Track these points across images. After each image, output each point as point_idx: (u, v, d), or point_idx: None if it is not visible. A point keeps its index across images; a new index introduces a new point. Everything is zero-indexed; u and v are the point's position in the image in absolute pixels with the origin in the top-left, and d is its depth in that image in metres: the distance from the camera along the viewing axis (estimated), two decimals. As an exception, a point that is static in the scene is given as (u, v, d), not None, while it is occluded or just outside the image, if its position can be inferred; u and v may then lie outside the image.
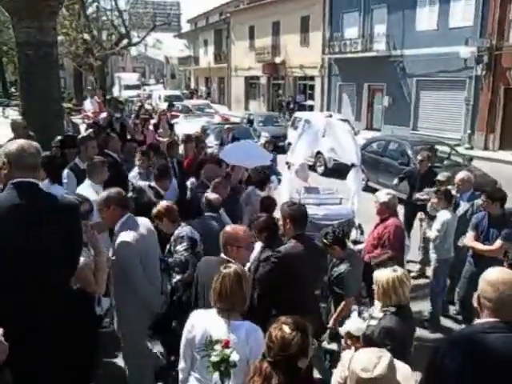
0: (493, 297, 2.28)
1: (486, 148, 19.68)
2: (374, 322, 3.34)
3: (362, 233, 7.27)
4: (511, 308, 2.27)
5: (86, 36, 20.09)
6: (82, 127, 12.96)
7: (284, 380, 2.37)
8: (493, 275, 2.36)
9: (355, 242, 6.50)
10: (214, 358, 2.70)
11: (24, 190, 2.93)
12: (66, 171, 5.82)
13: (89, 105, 12.58)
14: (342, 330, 3.61)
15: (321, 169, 14.54)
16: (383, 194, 5.55)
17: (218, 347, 2.70)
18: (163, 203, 4.68)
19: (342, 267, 4.49)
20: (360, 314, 3.70)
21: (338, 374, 2.31)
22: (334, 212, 7.56)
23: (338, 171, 9.15)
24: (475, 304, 2.39)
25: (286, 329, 2.41)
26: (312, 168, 13.67)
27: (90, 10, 23.43)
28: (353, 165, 7.90)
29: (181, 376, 3.03)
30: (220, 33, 42.55)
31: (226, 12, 40.29)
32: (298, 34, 30.54)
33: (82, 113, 14.37)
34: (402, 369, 2.17)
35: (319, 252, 4.33)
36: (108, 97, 14.55)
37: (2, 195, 2.96)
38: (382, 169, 11.93)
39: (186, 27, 53.97)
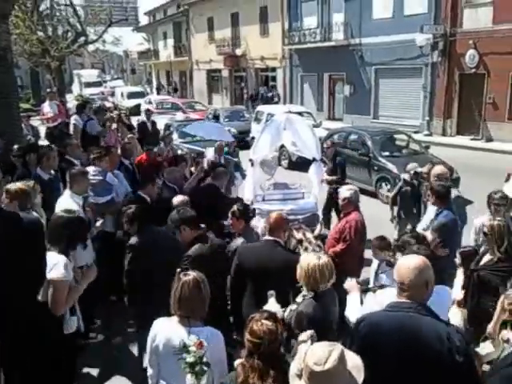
0: (398, 279, 2.66)
1: (444, 134, 20.23)
2: (294, 307, 3.50)
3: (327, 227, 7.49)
4: (415, 290, 2.61)
5: (41, 34, 19.60)
6: (42, 129, 12.74)
7: (278, 368, 2.58)
8: (400, 261, 2.76)
9: (320, 237, 6.63)
10: (189, 359, 2.82)
11: None
12: None
13: (47, 107, 12.30)
14: None
15: (285, 162, 14.70)
16: (345, 190, 5.72)
17: (192, 348, 2.82)
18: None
19: (239, 241, 4.74)
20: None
21: (294, 366, 2.47)
22: (299, 207, 7.73)
23: (303, 164, 9.30)
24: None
25: (268, 322, 2.63)
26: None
27: (42, 7, 22.83)
28: (314, 159, 8.09)
29: (150, 382, 3.14)
30: (179, 25, 42.01)
31: (183, 4, 39.81)
32: (257, 25, 30.52)
33: (40, 115, 14.03)
34: (353, 359, 2.32)
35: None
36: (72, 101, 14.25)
37: None
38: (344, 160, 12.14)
39: (143, 20, 53.09)
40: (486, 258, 4.35)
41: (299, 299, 3.49)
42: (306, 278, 3.40)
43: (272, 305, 3.48)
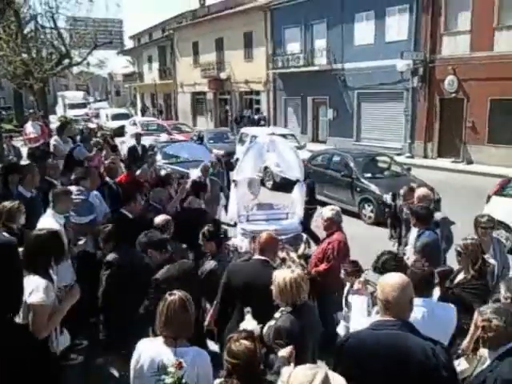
0: (382, 298, 2.68)
1: (425, 156, 20.57)
2: (272, 323, 3.48)
3: (309, 246, 7.49)
4: (399, 308, 2.65)
5: (25, 56, 19.54)
6: (24, 150, 12.64)
7: None
8: (383, 279, 2.78)
9: (304, 256, 6.63)
10: (167, 381, 2.75)
11: None
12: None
13: (30, 128, 12.25)
14: None
15: (269, 183, 14.74)
16: (328, 211, 5.76)
17: (171, 369, 2.76)
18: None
19: (212, 263, 4.75)
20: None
21: None
22: (283, 227, 7.73)
23: (286, 185, 9.34)
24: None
25: (246, 342, 2.60)
26: (261, 183, 13.89)
27: (27, 29, 22.83)
28: (297, 180, 8.14)
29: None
30: (164, 49, 42.39)
31: (168, 29, 40.23)
32: (241, 50, 30.92)
33: (22, 135, 13.94)
34: (338, 381, 2.29)
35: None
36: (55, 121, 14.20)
37: None
38: (327, 181, 12.26)
39: (129, 43, 53.42)
40: (460, 276, 4.41)
41: (277, 315, 3.48)
42: (282, 293, 3.39)
43: (249, 321, 3.46)
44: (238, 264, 4.56)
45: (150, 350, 2.93)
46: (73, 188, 6.09)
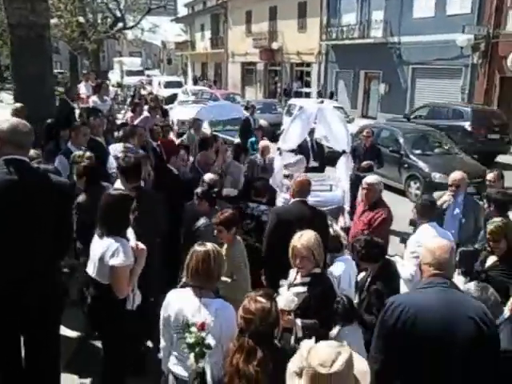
0: (432, 260, 2.73)
1: (480, 136, 19.68)
2: (301, 289, 3.43)
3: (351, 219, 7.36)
4: (450, 268, 2.77)
5: (81, 19, 19.91)
6: (77, 111, 12.94)
7: (267, 351, 2.49)
8: (431, 243, 2.88)
9: (345, 229, 6.52)
10: (189, 340, 2.76)
11: (15, 166, 3.09)
12: (58, 157, 5.81)
13: (83, 89, 12.51)
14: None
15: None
16: (372, 179, 5.62)
17: (193, 329, 2.76)
18: None
19: (203, 221, 4.74)
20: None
21: (295, 363, 2.27)
22: (325, 199, 7.60)
23: (330, 158, 9.16)
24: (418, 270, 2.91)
25: (262, 300, 2.55)
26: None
27: (85, -8, 23.23)
28: (344, 151, 7.96)
29: (162, 354, 3.10)
30: (217, 17, 42.15)
31: (223, -4, 39.92)
32: (295, 20, 30.31)
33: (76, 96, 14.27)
34: (360, 364, 2.20)
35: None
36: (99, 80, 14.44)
37: None
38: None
39: (183, 11, 53.40)
40: (492, 258, 4.10)
41: (305, 279, 3.50)
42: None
43: (283, 296, 3.38)
44: (281, 207, 5.20)
45: (178, 299, 2.96)
46: (119, 145, 6.18)
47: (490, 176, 6.00)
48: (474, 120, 14.62)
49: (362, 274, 4.19)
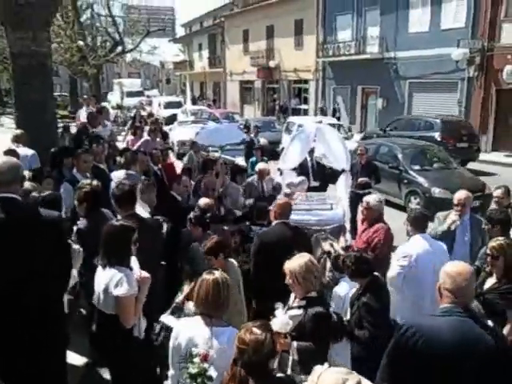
0: (453, 287, 2.71)
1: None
2: (297, 312, 3.45)
3: (353, 238, 7.39)
4: (466, 292, 2.74)
5: (81, 43, 20.20)
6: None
7: (260, 381, 2.48)
8: (451, 268, 2.82)
9: (346, 248, 6.55)
10: (191, 370, 2.79)
11: (4, 205, 3.11)
12: (63, 184, 5.85)
13: (84, 113, 12.64)
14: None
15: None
16: (372, 199, 5.67)
17: (196, 360, 2.79)
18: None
19: (194, 245, 4.83)
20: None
21: None
22: (327, 217, 7.64)
23: (330, 176, 9.22)
24: (437, 293, 2.83)
25: (257, 331, 2.54)
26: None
27: (84, 17, 23.56)
28: (343, 170, 8.04)
29: (170, 382, 3.12)
30: (214, 37, 42.64)
31: (219, 16, 40.39)
32: (291, 38, 30.67)
33: (76, 121, 14.43)
34: None
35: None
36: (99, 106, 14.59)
37: None
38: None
39: (180, 32, 54.06)
40: (491, 280, 4.06)
41: (301, 302, 3.50)
42: (304, 280, 3.48)
43: (278, 318, 3.35)
44: (264, 230, 5.19)
45: (188, 327, 2.99)
46: (122, 172, 6.26)
47: (497, 192, 5.91)
48: (443, 130, 15.52)
49: (353, 290, 4.24)
